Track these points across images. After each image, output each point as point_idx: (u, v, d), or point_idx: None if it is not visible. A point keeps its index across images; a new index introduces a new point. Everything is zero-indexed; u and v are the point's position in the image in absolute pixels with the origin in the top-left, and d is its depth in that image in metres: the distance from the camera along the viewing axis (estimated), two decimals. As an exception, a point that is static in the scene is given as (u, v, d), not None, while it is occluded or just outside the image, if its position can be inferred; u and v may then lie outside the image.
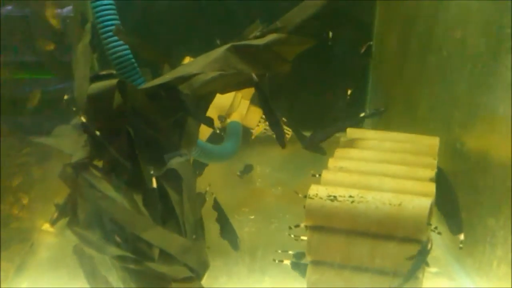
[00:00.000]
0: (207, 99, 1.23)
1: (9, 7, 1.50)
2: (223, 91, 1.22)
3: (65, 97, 1.17)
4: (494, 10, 1.10)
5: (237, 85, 1.21)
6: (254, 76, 1.11)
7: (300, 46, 1.16)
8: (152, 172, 1.08)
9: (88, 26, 1.30)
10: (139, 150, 1.06)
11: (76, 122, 1.16)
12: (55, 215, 1.33)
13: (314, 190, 1.06)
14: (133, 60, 1.33)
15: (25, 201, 1.43)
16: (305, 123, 1.86)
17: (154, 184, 1.07)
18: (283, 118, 1.93)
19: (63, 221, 1.32)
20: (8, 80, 1.55)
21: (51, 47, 1.54)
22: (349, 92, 1.67)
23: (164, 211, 1.08)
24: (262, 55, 1.12)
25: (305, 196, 1.07)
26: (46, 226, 1.35)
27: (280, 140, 1.26)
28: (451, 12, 1.32)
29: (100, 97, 0.96)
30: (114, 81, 0.96)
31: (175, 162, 1.11)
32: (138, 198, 1.04)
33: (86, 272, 1.07)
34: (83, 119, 1.02)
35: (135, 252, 0.99)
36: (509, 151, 1.06)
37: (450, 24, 1.33)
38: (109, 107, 0.96)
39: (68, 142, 1.12)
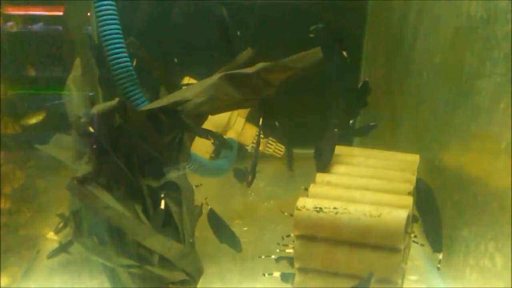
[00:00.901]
0: (202, 118, 1.34)
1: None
2: (213, 113, 1.33)
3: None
4: (468, 39, 1.21)
5: (226, 107, 1.31)
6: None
7: (286, 73, 1.27)
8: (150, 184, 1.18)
9: (78, 61, 1.40)
10: (138, 165, 1.16)
11: (78, 136, 1.26)
12: (60, 225, 1.42)
13: (302, 202, 1.15)
14: (136, 79, 1.43)
15: (31, 210, 1.52)
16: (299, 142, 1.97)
17: (162, 205, 1.17)
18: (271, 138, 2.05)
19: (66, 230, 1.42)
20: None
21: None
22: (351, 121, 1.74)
23: (164, 220, 1.18)
24: (251, 81, 1.24)
25: (291, 215, 1.17)
26: (51, 235, 1.43)
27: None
28: (430, 39, 1.44)
29: (102, 117, 1.06)
30: (115, 102, 1.06)
31: (174, 175, 1.21)
32: (138, 208, 1.14)
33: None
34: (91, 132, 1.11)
35: (137, 257, 1.08)
36: (480, 168, 1.16)
37: (430, 50, 1.44)
38: (110, 126, 1.07)
39: (70, 154, 1.22)
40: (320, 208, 1.13)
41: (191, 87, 1.27)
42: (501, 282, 1.04)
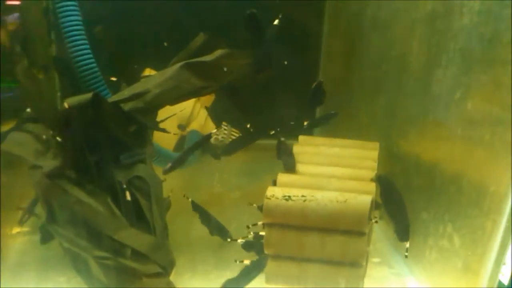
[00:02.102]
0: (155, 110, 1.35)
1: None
2: (172, 103, 1.33)
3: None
4: (430, 30, 1.27)
5: (184, 96, 1.32)
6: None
7: (242, 59, 1.30)
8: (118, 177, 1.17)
9: (18, 48, 1.36)
10: (108, 157, 1.15)
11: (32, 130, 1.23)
12: (24, 216, 1.39)
13: (271, 191, 1.18)
14: (98, 71, 1.41)
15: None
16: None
17: (128, 197, 1.16)
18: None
19: (30, 225, 1.39)
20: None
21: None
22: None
23: (134, 214, 1.18)
24: (211, 69, 1.26)
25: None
26: (16, 230, 1.40)
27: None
28: (392, 32, 1.50)
29: (77, 109, 1.04)
30: (89, 95, 1.05)
31: (141, 169, 1.21)
32: (109, 202, 1.13)
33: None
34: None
35: (109, 250, 1.07)
36: (438, 155, 1.23)
37: (389, 42, 1.50)
38: (84, 118, 1.05)
39: (31, 150, 1.19)
40: (289, 197, 1.17)
41: (152, 78, 1.27)
42: (459, 260, 1.11)
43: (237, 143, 1.60)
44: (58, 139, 1.11)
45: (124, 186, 1.16)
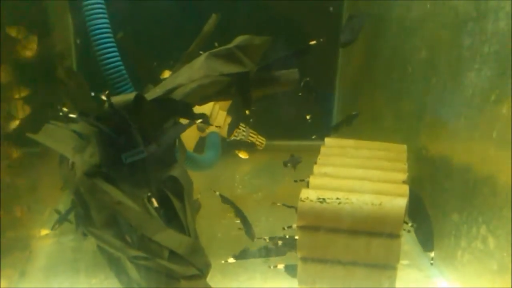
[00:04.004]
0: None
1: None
2: (201, 102, 1.33)
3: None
4: (454, 34, 1.28)
5: (214, 95, 1.31)
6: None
7: (262, 45, 1.29)
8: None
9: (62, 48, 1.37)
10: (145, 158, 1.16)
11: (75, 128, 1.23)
12: (57, 222, 1.39)
13: (305, 193, 1.18)
14: (124, 71, 1.42)
15: (18, 210, 1.47)
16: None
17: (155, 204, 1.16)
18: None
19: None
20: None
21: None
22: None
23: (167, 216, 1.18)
24: (235, 56, 1.25)
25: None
26: (45, 232, 1.40)
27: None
28: (419, 33, 1.50)
29: (120, 109, 1.05)
30: (132, 95, 1.06)
31: (176, 171, 1.21)
32: (146, 203, 1.13)
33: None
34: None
35: (147, 251, 1.08)
36: (468, 157, 1.24)
37: (417, 44, 1.50)
38: (126, 118, 1.06)
39: (70, 146, 1.20)
40: (323, 199, 1.17)
41: (180, 73, 1.27)
42: (494, 261, 1.12)
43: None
44: (97, 137, 1.11)
45: (149, 194, 1.17)
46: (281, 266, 1.27)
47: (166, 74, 1.94)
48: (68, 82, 1.23)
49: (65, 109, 1.27)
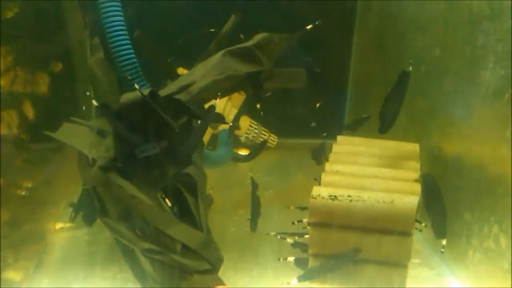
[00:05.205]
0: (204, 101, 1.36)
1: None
2: (220, 93, 1.34)
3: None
4: (468, 33, 1.28)
5: (229, 89, 1.32)
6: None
7: (281, 43, 1.30)
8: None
9: (97, 40, 1.39)
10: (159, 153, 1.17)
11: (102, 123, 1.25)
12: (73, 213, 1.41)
13: (317, 191, 1.19)
14: (138, 66, 1.43)
15: (33, 204, 1.50)
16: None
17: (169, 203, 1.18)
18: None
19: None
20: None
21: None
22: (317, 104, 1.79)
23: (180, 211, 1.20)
24: (252, 54, 1.26)
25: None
26: (60, 225, 1.43)
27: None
28: (433, 32, 1.50)
29: (134, 105, 1.07)
30: (146, 92, 1.07)
31: (190, 168, 1.22)
32: (159, 197, 1.15)
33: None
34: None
35: (160, 245, 1.09)
36: (480, 156, 1.24)
37: (430, 43, 1.50)
38: (139, 115, 1.08)
39: (86, 141, 1.22)
40: (335, 196, 1.18)
41: (196, 69, 1.28)
42: (505, 261, 1.11)
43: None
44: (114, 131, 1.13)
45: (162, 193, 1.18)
46: (291, 259, 1.28)
47: (180, 71, 1.96)
48: (97, 73, 1.25)
49: (88, 93, 1.29)
